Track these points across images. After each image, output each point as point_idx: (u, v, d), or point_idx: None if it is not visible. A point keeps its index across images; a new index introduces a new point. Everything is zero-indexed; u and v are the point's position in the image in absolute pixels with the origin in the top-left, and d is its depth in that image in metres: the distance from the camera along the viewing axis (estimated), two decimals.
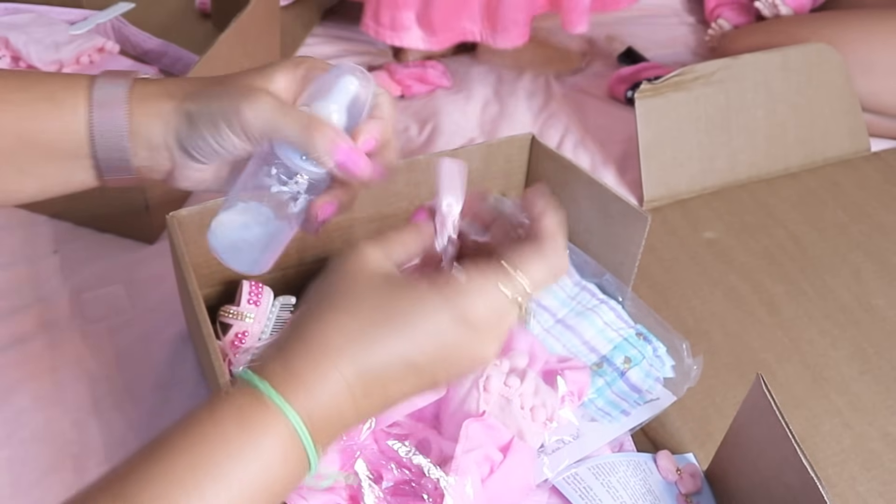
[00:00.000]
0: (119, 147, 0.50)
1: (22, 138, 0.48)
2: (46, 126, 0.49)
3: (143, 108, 0.49)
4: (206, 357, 0.69)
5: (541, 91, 1.31)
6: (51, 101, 0.49)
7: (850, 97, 1.21)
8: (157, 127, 0.49)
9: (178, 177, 0.52)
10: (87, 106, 0.49)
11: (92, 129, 0.49)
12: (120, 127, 0.49)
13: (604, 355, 0.82)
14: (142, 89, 0.50)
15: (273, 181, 0.50)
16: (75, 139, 0.49)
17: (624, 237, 0.83)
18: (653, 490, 0.74)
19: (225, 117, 0.48)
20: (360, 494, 0.64)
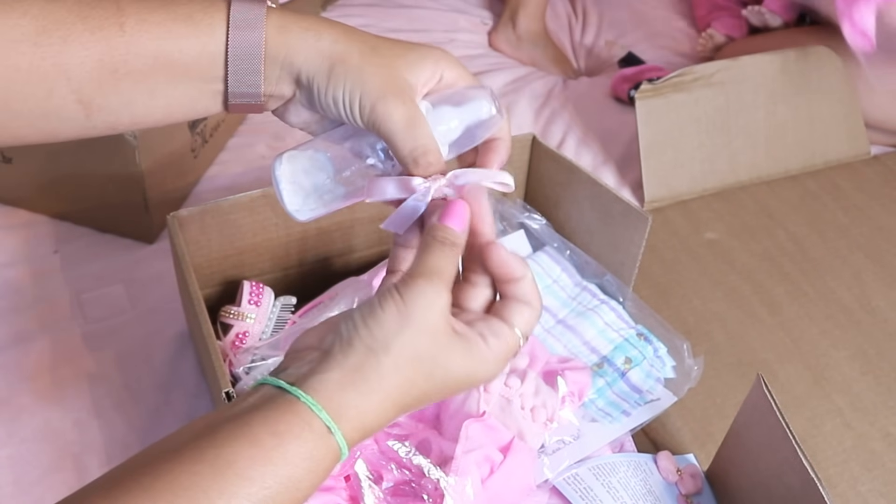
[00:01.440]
0: (252, 70, 0.50)
1: (158, 58, 0.48)
2: (183, 45, 0.49)
3: (283, 37, 0.50)
4: (207, 357, 0.69)
5: (543, 90, 1.31)
6: (188, 21, 0.49)
7: (850, 100, 1.21)
8: (297, 60, 0.50)
9: (291, 109, 0.53)
10: (225, 25, 0.49)
11: (228, 50, 0.49)
12: (256, 51, 0.49)
13: (604, 356, 0.81)
14: (281, 17, 0.50)
15: (374, 155, 0.52)
16: (210, 60, 0.49)
17: (625, 237, 0.83)
18: (653, 490, 0.74)
19: (362, 98, 0.49)
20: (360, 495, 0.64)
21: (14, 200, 1.00)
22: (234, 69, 0.50)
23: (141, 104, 0.50)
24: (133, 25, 0.48)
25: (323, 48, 0.50)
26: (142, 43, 0.48)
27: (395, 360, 0.44)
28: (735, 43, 1.36)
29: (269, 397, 0.43)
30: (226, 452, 0.40)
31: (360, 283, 0.81)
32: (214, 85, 0.50)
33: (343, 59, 0.49)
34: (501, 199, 0.92)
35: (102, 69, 0.48)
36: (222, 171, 1.10)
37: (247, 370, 0.76)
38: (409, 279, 0.45)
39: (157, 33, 0.48)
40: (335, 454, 0.42)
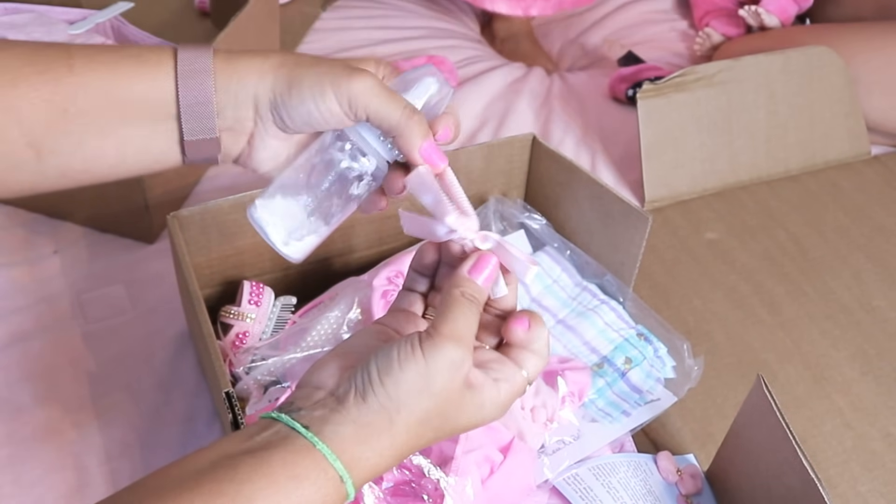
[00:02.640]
0: (204, 101, 0.49)
1: (107, 95, 0.48)
2: (132, 83, 0.49)
3: (232, 66, 0.50)
4: (207, 357, 0.69)
5: (542, 90, 1.31)
6: (138, 59, 0.49)
7: (850, 100, 1.21)
8: (249, 81, 0.50)
9: (257, 145, 0.52)
10: (173, 62, 0.49)
11: (177, 83, 0.49)
12: (206, 81, 0.49)
13: (604, 356, 0.82)
14: (227, 53, 0.50)
15: (345, 157, 0.52)
16: (160, 96, 0.49)
17: (625, 237, 0.83)
18: (653, 491, 0.73)
19: (334, 82, 0.49)
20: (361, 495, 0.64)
21: (14, 200, 1.00)
22: (186, 103, 0.49)
23: (92, 146, 0.49)
24: (82, 65, 0.48)
25: (273, 63, 0.50)
26: (91, 82, 0.48)
27: (407, 420, 0.45)
28: (732, 42, 1.36)
29: (286, 437, 0.43)
30: (246, 489, 0.41)
31: (360, 283, 0.81)
32: (166, 124, 0.50)
33: (297, 63, 0.50)
34: (501, 199, 0.92)
35: (52, 110, 0.47)
36: (222, 171, 1.10)
37: (247, 370, 0.76)
38: (435, 338, 0.44)
39: (106, 71, 0.48)
40: (343, 498, 0.44)
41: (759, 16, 1.34)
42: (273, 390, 0.75)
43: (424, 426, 0.45)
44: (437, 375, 0.44)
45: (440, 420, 0.46)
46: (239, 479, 0.41)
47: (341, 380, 0.46)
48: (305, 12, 1.42)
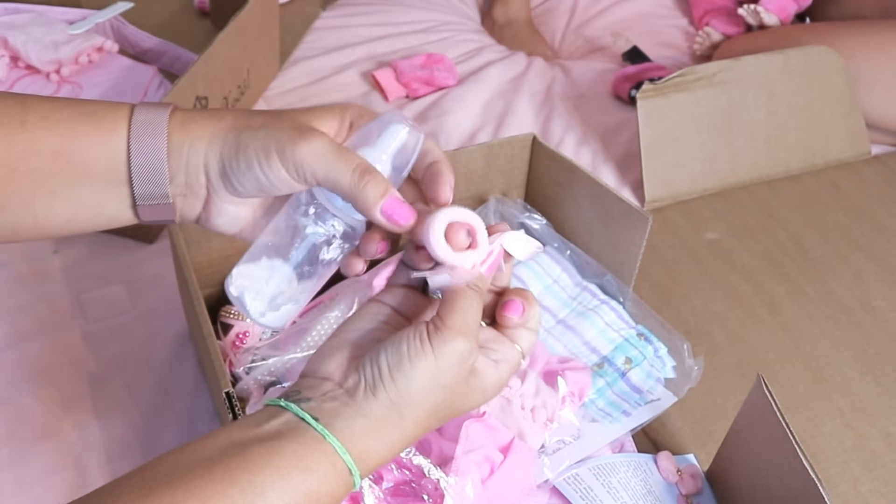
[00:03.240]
0: (156, 168, 0.48)
1: (59, 156, 0.47)
2: (85, 143, 0.48)
3: (186, 129, 0.48)
4: (207, 357, 0.69)
5: (543, 86, 1.31)
6: (92, 118, 0.48)
7: (850, 100, 1.21)
8: (200, 146, 0.48)
9: (213, 211, 0.51)
10: (127, 124, 0.48)
11: (130, 147, 0.48)
12: (159, 146, 0.48)
13: (604, 356, 0.81)
14: (185, 114, 0.49)
15: (309, 222, 0.50)
16: (112, 159, 0.48)
17: (625, 237, 0.83)
18: (653, 491, 0.73)
19: (279, 147, 0.47)
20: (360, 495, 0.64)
21: None
22: (137, 167, 0.48)
23: (42, 206, 0.48)
24: (35, 122, 0.47)
25: (224, 126, 0.48)
26: (42, 140, 0.47)
27: (416, 415, 0.45)
28: (731, 41, 1.36)
29: (296, 428, 0.44)
30: (257, 481, 0.41)
31: (360, 283, 0.81)
32: (119, 188, 0.49)
33: (248, 125, 0.48)
34: (501, 199, 0.92)
35: (2, 167, 0.46)
36: None
37: (247, 370, 0.76)
38: (444, 332, 0.44)
39: (59, 130, 0.47)
40: (350, 488, 0.45)
41: (759, 14, 1.34)
42: (273, 390, 0.75)
43: (432, 418, 0.46)
44: (446, 371, 0.45)
45: (447, 410, 0.47)
46: (251, 468, 0.41)
47: (349, 371, 0.46)
48: (305, 11, 1.42)
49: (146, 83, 1.14)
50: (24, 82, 1.10)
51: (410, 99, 1.27)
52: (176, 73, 1.20)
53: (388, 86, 1.26)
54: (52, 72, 1.11)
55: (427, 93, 1.27)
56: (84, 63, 1.14)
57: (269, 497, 0.41)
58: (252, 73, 1.15)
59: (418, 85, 1.26)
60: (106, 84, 1.12)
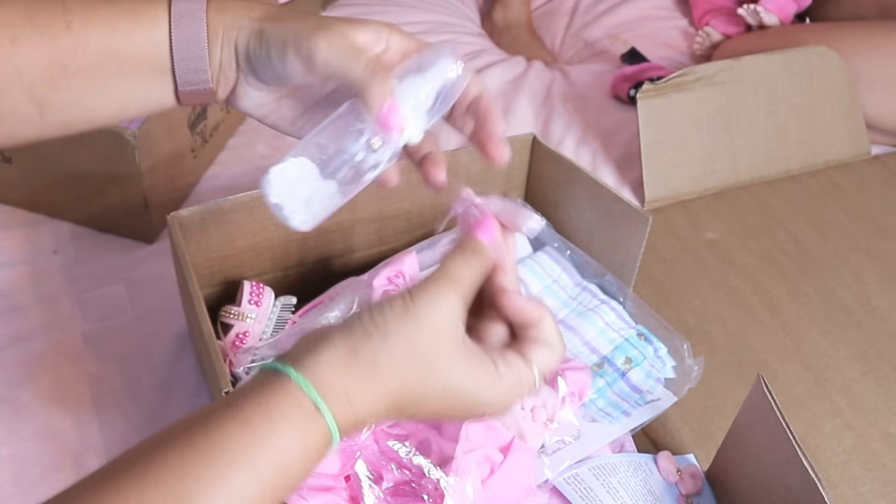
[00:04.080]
0: (197, 55, 0.50)
1: (106, 53, 0.49)
2: (129, 39, 0.50)
3: (220, 17, 0.51)
4: (207, 357, 0.69)
5: (543, 87, 1.31)
6: (132, 15, 0.50)
7: (850, 100, 1.21)
8: (232, 35, 0.51)
9: (240, 93, 0.53)
10: (167, 16, 0.50)
11: (171, 38, 0.50)
12: (199, 36, 0.50)
13: (604, 356, 0.81)
14: (219, 2, 0.51)
15: (360, 148, 0.50)
16: (156, 50, 0.50)
17: (625, 237, 0.83)
18: (653, 491, 0.73)
19: (296, 41, 0.49)
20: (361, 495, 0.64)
21: (14, 200, 1.00)
22: (180, 58, 0.51)
23: (93, 100, 0.51)
24: (80, 23, 0.49)
25: (256, 16, 0.51)
26: (89, 40, 0.49)
27: (391, 349, 0.43)
28: (731, 41, 1.36)
29: (263, 380, 0.42)
30: (218, 438, 0.39)
31: (360, 283, 0.81)
32: (163, 76, 0.51)
33: (275, 18, 0.50)
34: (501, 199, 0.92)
35: (53, 67, 0.49)
36: (222, 171, 1.10)
37: (247, 370, 0.76)
38: (422, 282, 0.45)
39: (104, 29, 0.49)
40: (326, 438, 0.42)
41: (759, 14, 1.34)
42: None
43: (411, 365, 0.43)
44: (421, 309, 0.43)
45: (429, 364, 0.44)
46: (211, 429, 0.39)
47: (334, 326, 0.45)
48: (305, 11, 1.42)
49: None
50: None
51: None
52: None
53: None
54: None
55: None
56: None
57: (231, 450, 0.39)
58: None
59: None
60: None
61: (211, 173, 1.09)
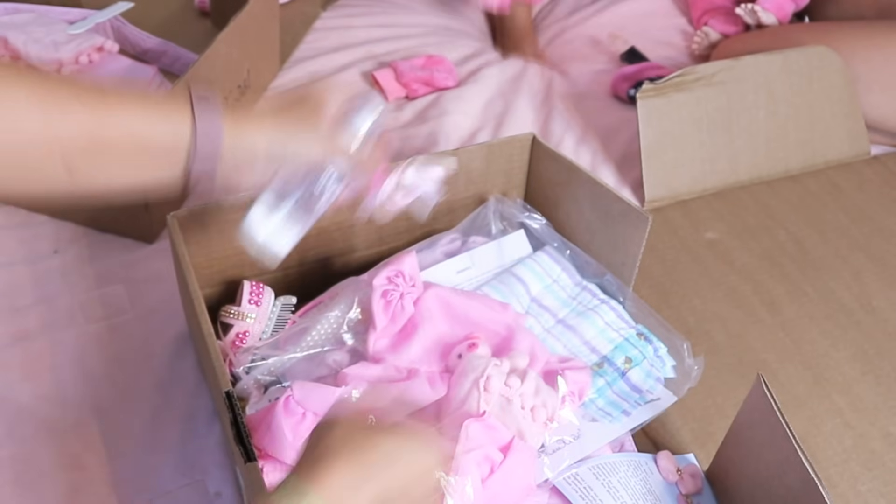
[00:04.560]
0: (213, 154, 0.60)
1: (136, 139, 0.58)
2: (158, 130, 0.59)
3: (238, 126, 0.61)
4: (207, 357, 0.69)
5: (542, 89, 1.31)
6: (161, 110, 0.59)
7: (850, 101, 1.21)
8: (250, 139, 0.62)
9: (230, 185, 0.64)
10: (192, 127, 0.59)
11: (196, 136, 0.59)
12: (217, 143, 0.60)
13: (604, 355, 0.81)
14: (234, 111, 0.61)
15: (313, 177, 0.66)
16: (179, 144, 0.59)
17: (625, 237, 0.83)
18: (653, 490, 0.74)
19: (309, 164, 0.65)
20: None
21: (14, 200, 1.00)
22: (201, 153, 0.59)
23: (116, 172, 0.59)
24: (119, 111, 0.57)
25: (272, 129, 0.63)
26: (124, 125, 0.57)
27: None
28: (729, 40, 1.36)
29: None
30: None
31: (360, 283, 0.81)
32: (179, 163, 0.60)
33: (285, 140, 0.64)
34: (501, 199, 0.92)
35: (90, 143, 0.56)
36: None
37: (247, 370, 0.76)
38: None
39: (138, 119, 0.58)
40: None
41: (757, 14, 1.34)
42: (273, 390, 0.76)
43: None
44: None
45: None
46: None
47: None
48: (305, 11, 1.42)
49: (146, 83, 1.14)
50: None
51: (410, 99, 1.26)
52: (176, 73, 1.20)
53: (388, 86, 1.26)
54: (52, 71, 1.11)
55: (426, 93, 1.27)
56: (84, 63, 1.14)
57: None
58: (252, 73, 1.15)
59: (418, 85, 1.26)
60: None
61: None
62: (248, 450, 0.60)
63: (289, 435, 0.66)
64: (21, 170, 0.55)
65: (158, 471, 0.76)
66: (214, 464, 0.77)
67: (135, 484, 0.75)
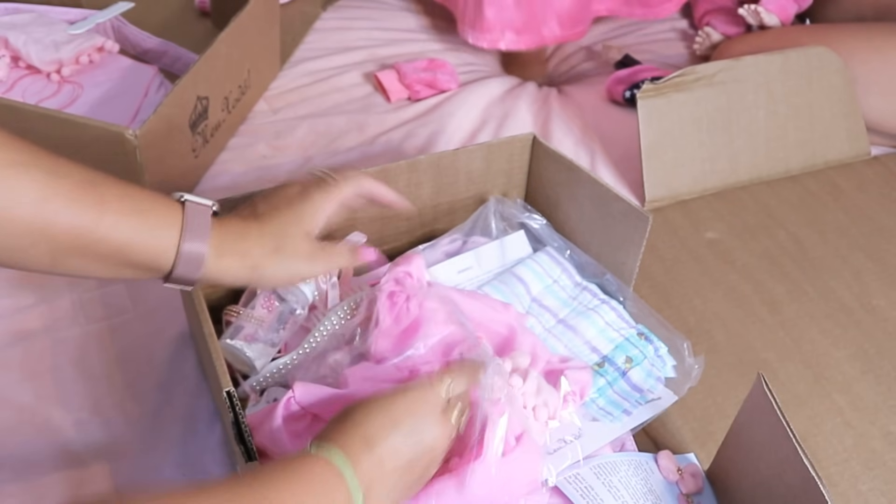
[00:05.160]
0: (195, 270, 0.63)
1: (121, 252, 0.60)
2: (145, 247, 0.61)
3: (220, 249, 0.63)
4: (208, 357, 0.69)
5: (541, 93, 1.32)
6: (152, 231, 0.61)
7: (850, 101, 1.21)
8: (233, 266, 0.65)
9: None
10: (177, 246, 0.62)
11: (177, 260, 0.62)
12: (199, 260, 0.62)
13: (605, 355, 0.82)
14: (220, 233, 0.64)
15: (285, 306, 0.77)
16: (163, 259, 0.62)
17: (625, 237, 0.83)
18: (654, 490, 0.74)
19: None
20: None
21: None
22: (179, 273, 0.62)
23: (97, 270, 0.61)
24: (110, 219, 0.59)
25: (247, 268, 0.65)
26: (112, 236, 0.59)
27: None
28: (730, 41, 1.36)
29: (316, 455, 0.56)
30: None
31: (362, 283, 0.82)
32: (159, 272, 0.63)
33: (261, 268, 0.66)
34: (501, 199, 0.92)
35: (77, 244, 0.58)
36: (223, 170, 1.10)
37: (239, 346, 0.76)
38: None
39: (126, 232, 0.59)
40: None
41: (759, 15, 1.34)
42: (271, 390, 0.76)
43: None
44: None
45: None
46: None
47: None
48: (306, 12, 1.42)
49: (147, 83, 1.14)
50: (25, 82, 1.10)
51: (412, 101, 1.27)
52: (177, 74, 1.20)
53: (391, 87, 1.26)
54: (52, 72, 1.11)
55: (429, 95, 1.27)
56: (85, 63, 1.14)
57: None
58: (253, 73, 1.16)
59: (420, 87, 1.26)
60: (107, 84, 1.13)
61: (212, 173, 1.09)
62: (248, 449, 0.60)
63: (288, 435, 0.66)
64: (5, 248, 0.57)
65: (159, 470, 0.76)
66: (215, 463, 0.77)
67: (136, 483, 0.75)
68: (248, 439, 0.61)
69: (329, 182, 0.71)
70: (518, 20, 1.30)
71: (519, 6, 1.29)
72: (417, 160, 0.87)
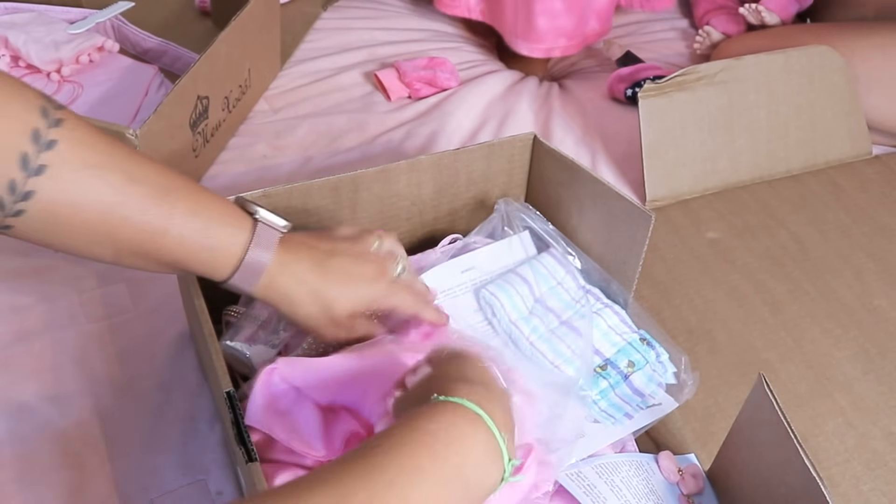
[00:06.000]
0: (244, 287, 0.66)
1: (177, 265, 0.63)
2: (202, 264, 0.64)
3: (272, 286, 0.66)
4: (208, 357, 0.69)
5: (542, 91, 1.31)
6: (211, 252, 0.63)
7: (851, 100, 1.21)
8: (282, 289, 0.67)
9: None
10: (237, 262, 0.64)
11: (235, 272, 0.64)
12: (255, 278, 0.65)
13: (608, 358, 0.81)
14: (283, 252, 0.66)
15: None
16: (219, 274, 0.64)
17: (627, 236, 0.83)
18: (655, 490, 0.73)
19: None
20: None
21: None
22: (235, 285, 0.65)
23: (157, 269, 0.64)
24: (175, 234, 0.61)
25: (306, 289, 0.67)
26: (174, 249, 0.61)
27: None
28: (731, 40, 1.36)
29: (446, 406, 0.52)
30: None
31: None
32: (214, 278, 0.65)
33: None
34: (508, 202, 0.92)
35: (140, 249, 0.61)
36: (223, 170, 1.10)
37: None
38: None
39: (189, 248, 0.62)
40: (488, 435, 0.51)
41: (760, 14, 1.33)
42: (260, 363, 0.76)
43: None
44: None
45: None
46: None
47: None
48: (306, 12, 1.42)
49: (147, 83, 1.14)
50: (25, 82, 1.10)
51: (413, 99, 1.26)
52: (177, 73, 1.20)
53: (391, 85, 1.26)
54: (52, 71, 1.11)
55: (429, 94, 1.27)
56: (85, 63, 1.14)
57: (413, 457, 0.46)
58: (253, 73, 1.15)
59: (421, 85, 1.26)
60: (107, 84, 1.13)
61: (212, 173, 1.09)
62: (248, 450, 0.60)
63: (261, 402, 0.66)
64: (70, 242, 0.59)
65: (160, 470, 0.76)
66: (216, 463, 0.77)
67: (136, 483, 0.75)
68: (247, 440, 0.61)
69: (402, 287, 0.71)
70: (568, 25, 1.31)
71: (569, 12, 1.29)
72: (418, 160, 0.86)
